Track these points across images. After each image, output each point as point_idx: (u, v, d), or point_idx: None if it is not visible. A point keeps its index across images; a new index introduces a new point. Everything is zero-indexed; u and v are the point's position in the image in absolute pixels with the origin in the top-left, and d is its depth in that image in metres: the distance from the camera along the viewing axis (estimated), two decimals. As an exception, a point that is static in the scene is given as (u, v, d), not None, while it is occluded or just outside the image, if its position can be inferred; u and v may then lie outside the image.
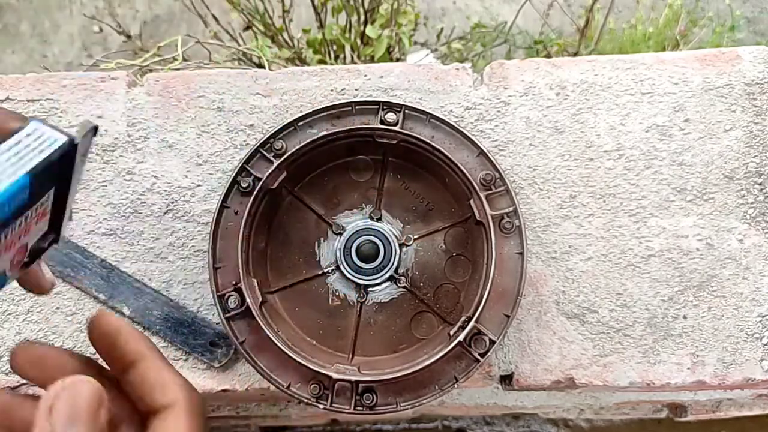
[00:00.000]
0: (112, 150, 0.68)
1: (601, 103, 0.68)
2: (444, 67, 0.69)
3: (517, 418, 1.18)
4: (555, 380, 0.64)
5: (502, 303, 0.59)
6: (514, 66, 0.69)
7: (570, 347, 0.65)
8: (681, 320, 0.65)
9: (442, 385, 0.58)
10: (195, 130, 0.68)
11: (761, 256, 0.66)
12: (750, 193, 0.66)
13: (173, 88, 0.69)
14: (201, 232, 0.67)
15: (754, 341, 0.64)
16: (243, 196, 0.61)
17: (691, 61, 0.68)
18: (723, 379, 0.64)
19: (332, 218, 0.66)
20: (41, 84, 0.69)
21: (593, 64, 0.69)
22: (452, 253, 0.66)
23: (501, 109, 0.68)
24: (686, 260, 0.66)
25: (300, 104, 0.68)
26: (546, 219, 0.66)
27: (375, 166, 0.67)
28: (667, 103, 0.67)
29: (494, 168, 0.61)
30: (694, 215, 0.66)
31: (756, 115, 0.67)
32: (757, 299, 0.65)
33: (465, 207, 0.63)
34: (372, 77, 0.68)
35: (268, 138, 0.61)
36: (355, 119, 0.63)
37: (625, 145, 0.67)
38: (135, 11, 2.10)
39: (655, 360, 0.64)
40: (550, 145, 0.67)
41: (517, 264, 0.60)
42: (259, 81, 0.69)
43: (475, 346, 0.58)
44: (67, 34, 2.09)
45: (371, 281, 0.64)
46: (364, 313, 0.65)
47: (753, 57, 0.68)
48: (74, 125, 0.68)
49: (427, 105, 0.67)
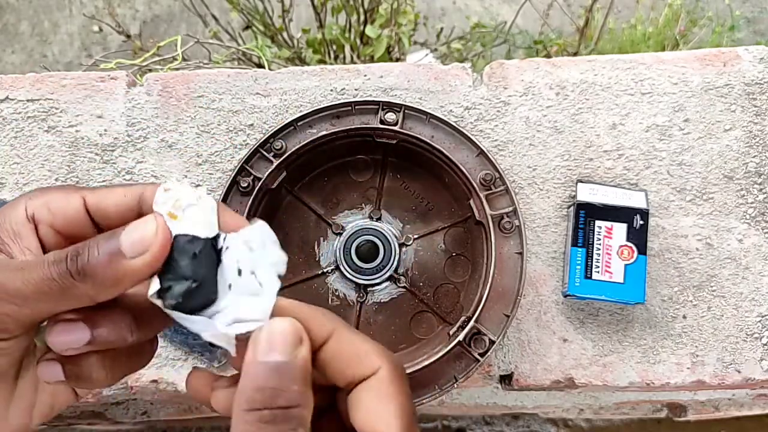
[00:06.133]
0: (112, 150, 0.68)
1: (600, 103, 0.68)
2: (444, 67, 0.69)
3: (517, 418, 1.18)
4: (554, 380, 0.64)
5: (501, 303, 0.59)
6: (514, 66, 0.69)
7: (569, 347, 0.65)
8: (680, 320, 0.65)
9: (441, 385, 0.58)
10: (195, 129, 0.68)
11: (761, 256, 0.66)
12: (750, 193, 0.66)
13: (173, 87, 0.69)
14: (201, 232, 0.67)
15: (754, 341, 0.64)
16: (242, 195, 0.61)
17: (691, 61, 0.68)
18: (723, 378, 0.64)
19: (332, 218, 0.66)
20: (41, 84, 0.69)
21: (593, 64, 0.69)
22: (452, 253, 0.66)
23: (501, 109, 0.68)
24: (686, 260, 0.66)
25: (300, 104, 0.68)
26: (546, 219, 0.66)
27: (375, 166, 0.67)
28: (667, 103, 0.67)
29: (494, 168, 0.61)
30: (694, 215, 0.66)
31: (756, 115, 0.67)
32: (756, 299, 0.65)
33: (465, 207, 0.63)
34: (372, 77, 0.68)
35: (267, 138, 0.61)
36: (355, 119, 0.63)
37: (625, 145, 0.67)
38: (135, 11, 2.10)
39: (655, 360, 0.64)
40: (549, 145, 0.67)
41: (516, 264, 0.60)
42: (259, 81, 0.69)
43: (475, 346, 0.58)
44: (66, 34, 2.09)
45: (371, 281, 0.64)
46: (364, 313, 0.65)
47: (753, 57, 0.68)
48: (74, 125, 0.68)
49: (427, 105, 0.67)
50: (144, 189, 0.36)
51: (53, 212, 0.36)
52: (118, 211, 0.36)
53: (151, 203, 0.34)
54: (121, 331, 0.35)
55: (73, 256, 0.32)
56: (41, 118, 0.68)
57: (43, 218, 0.36)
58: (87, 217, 0.37)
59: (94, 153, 0.68)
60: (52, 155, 0.68)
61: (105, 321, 0.34)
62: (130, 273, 0.32)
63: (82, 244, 0.33)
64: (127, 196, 0.36)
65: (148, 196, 0.36)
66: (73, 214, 0.36)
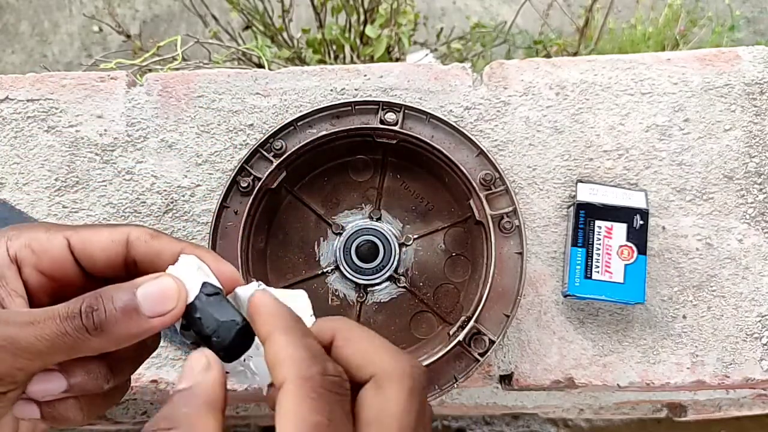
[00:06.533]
0: (112, 150, 0.68)
1: (600, 103, 0.68)
2: (444, 67, 0.69)
3: (517, 418, 1.18)
4: (554, 380, 0.64)
5: (501, 303, 0.59)
6: (514, 66, 0.69)
7: (569, 347, 0.65)
8: (680, 320, 0.65)
9: (441, 385, 0.58)
10: (194, 129, 0.68)
11: (761, 256, 0.66)
12: (749, 193, 0.66)
13: (173, 87, 0.69)
14: (201, 232, 0.67)
15: (754, 341, 0.64)
16: (242, 195, 0.61)
17: (691, 61, 0.68)
18: (722, 378, 0.64)
19: (332, 218, 0.66)
20: (41, 84, 0.69)
21: (593, 64, 0.69)
22: (452, 253, 0.66)
23: (501, 109, 0.68)
24: (686, 260, 0.66)
25: (300, 104, 0.68)
26: (546, 219, 0.66)
27: (374, 166, 0.67)
28: (667, 103, 0.67)
29: (494, 168, 0.61)
30: (694, 215, 0.66)
31: (756, 115, 0.67)
32: (756, 299, 0.65)
33: (465, 207, 0.63)
34: (372, 77, 0.68)
35: (267, 138, 0.61)
36: (355, 119, 0.63)
37: (625, 145, 0.67)
38: (134, 11, 2.10)
39: (655, 360, 0.64)
40: (549, 145, 0.67)
41: (516, 264, 0.60)
42: (259, 81, 0.69)
43: (475, 346, 0.58)
44: (66, 34, 2.09)
45: (371, 281, 0.64)
46: (364, 313, 0.65)
47: (753, 57, 0.68)
48: (74, 125, 0.68)
49: (427, 105, 0.67)
50: (129, 232, 0.37)
51: (37, 253, 0.36)
52: (104, 255, 0.36)
53: (138, 246, 0.36)
54: (97, 380, 0.35)
55: (87, 311, 0.32)
56: (41, 118, 0.68)
57: (26, 259, 0.36)
58: (71, 258, 0.37)
59: (94, 153, 0.68)
60: (52, 155, 0.68)
61: (81, 370, 0.35)
62: (146, 330, 0.33)
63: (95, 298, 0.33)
64: (114, 240, 0.36)
65: (134, 239, 0.36)
66: (57, 256, 0.36)
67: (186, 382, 0.32)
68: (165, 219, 0.67)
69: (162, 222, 0.67)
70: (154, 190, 0.67)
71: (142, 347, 0.38)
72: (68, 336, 0.32)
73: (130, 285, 0.33)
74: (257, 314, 0.34)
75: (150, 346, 0.39)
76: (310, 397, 0.29)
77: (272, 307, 0.33)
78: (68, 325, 0.32)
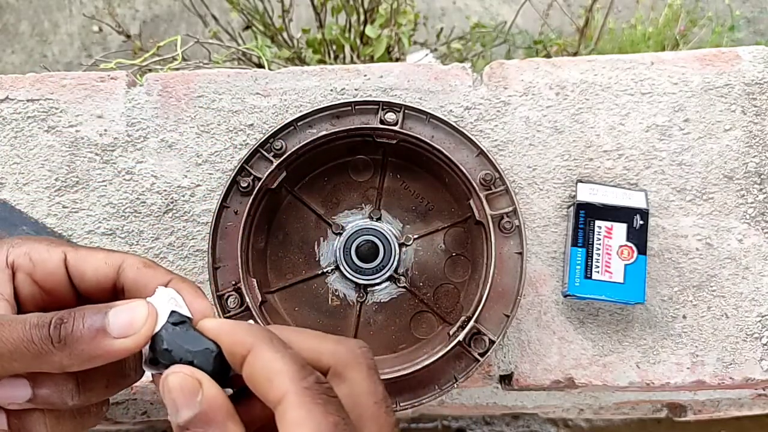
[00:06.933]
0: (112, 150, 0.68)
1: (600, 103, 0.68)
2: (444, 67, 0.69)
3: (517, 418, 1.18)
4: (554, 380, 0.64)
5: (501, 303, 0.59)
6: (514, 66, 0.69)
7: (569, 347, 0.65)
8: (680, 320, 0.65)
9: (441, 385, 0.58)
10: (194, 129, 0.68)
11: (761, 256, 0.66)
12: (749, 193, 0.66)
13: (173, 87, 0.69)
14: (200, 232, 0.67)
15: (754, 341, 0.64)
16: (242, 195, 0.61)
17: (691, 61, 0.68)
18: (722, 378, 0.64)
19: (332, 218, 0.66)
20: (41, 84, 0.69)
21: (593, 64, 0.69)
22: (452, 253, 0.66)
23: (501, 109, 0.68)
24: (686, 260, 0.66)
25: (300, 104, 0.68)
26: (546, 219, 0.66)
27: (375, 166, 0.67)
28: (667, 103, 0.67)
29: (494, 168, 0.61)
30: (694, 215, 0.66)
31: (756, 115, 0.67)
32: (756, 299, 0.65)
33: (465, 207, 0.63)
34: (372, 77, 0.68)
35: (267, 138, 0.61)
36: (355, 119, 0.63)
37: (625, 145, 0.67)
38: (134, 11, 2.10)
39: (655, 360, 0.64)
40: (549, 145, 0.67)
41: (516, 264, 0.60)
42: (259, 81, 0.69)
43: (475, 346, 0.58)
44: (66, 34, 2.09)
45: (371, 281, 0.64)
46: (364, 312, 0.65)
47: (753, 57, 0.68)
48: (74, 125, 0.68)
49: (427, 105, 0.67)
50: (124, 259, 0.37)
51: (34, 262, 0.37)
52: (95, 275, 0.37)
53: (129, 273, 0.36)
54: (62, 394, 0.35)
55: (57, 323, 0.32)
56: (41, 118, 0.68)
57: (23, 266, 0.37)
58: (65, 274, 0.37)
59: (94, 153, 0.68)
60: (52, 155, 0.68)
61: (48, 382, 0.34)
62: (110, 353, 0.33)
63: (68, 313, 0.33)
64: (107, 263, 0.37)
65: (127, 266, 0.37)
66: (52, 269, 0.37)
67: (188, 410, 0.31)
68: (165, 219, 0.67)
69: (162, 222, 0.67)
70: (154, 190, 0.67)
71: (118, 374, 0.37)
72: (32, 344, 0.32)
73: (105, 306, 0.34)
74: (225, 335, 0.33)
75: (129, 375, 0.38)
76: (317, 403, 0.30)
77: (238, 327, 0.33)
78: (35, 332, 0.32)
